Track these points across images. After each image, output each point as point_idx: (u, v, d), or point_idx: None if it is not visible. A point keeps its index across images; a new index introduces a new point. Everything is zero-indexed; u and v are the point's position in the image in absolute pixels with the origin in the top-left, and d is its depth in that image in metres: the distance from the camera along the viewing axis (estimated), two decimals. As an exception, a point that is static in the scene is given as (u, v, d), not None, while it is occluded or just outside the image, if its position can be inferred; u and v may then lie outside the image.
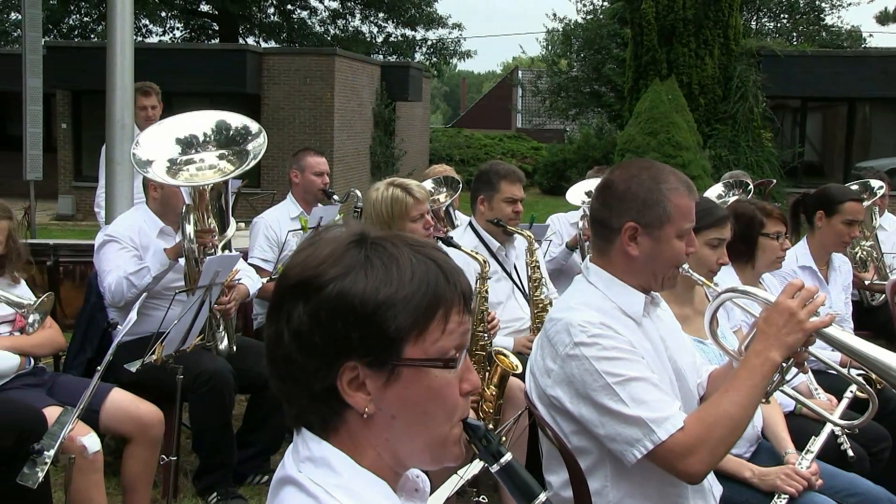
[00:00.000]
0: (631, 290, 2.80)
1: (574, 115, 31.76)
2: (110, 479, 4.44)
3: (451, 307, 1.48)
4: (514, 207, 5.09)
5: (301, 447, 1.51)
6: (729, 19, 21.34)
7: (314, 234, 1.56)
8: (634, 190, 2.74)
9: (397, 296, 1.43)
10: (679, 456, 2.55)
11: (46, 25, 25.39)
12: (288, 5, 33.61)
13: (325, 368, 1.45)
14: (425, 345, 1.46)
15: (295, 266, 1.49)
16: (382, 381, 1.46)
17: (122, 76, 6.87)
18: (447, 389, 1.50)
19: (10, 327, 4.29)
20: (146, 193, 5.19)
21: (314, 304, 1.43)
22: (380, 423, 1.49)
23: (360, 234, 1.50)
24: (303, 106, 21.63)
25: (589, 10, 30.62)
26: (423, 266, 1.47)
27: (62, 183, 22.03)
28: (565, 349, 2.70)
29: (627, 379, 2.61)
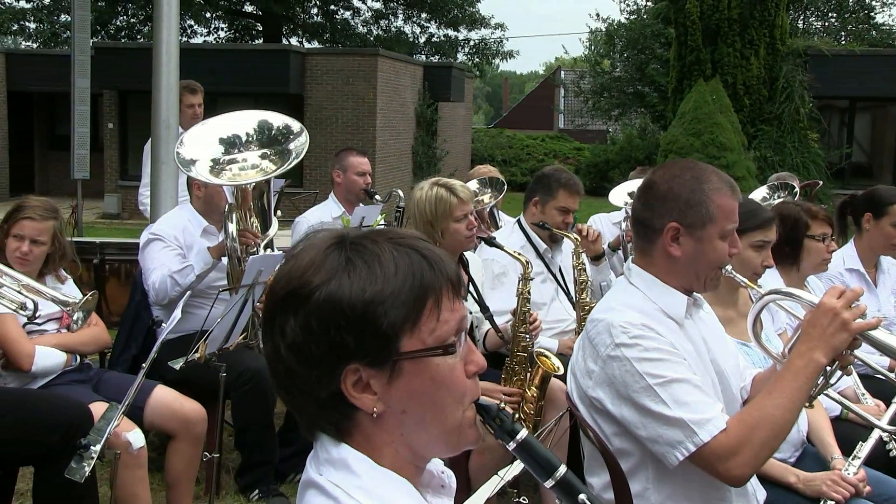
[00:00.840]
0: (673, 292, 2.77)
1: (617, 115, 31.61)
2: (154, 475, 4.48)
3: (440, 294, 1.47)
4: (566, 218, 5.08)
5: (320, 451, 1.52)
6: (775, 19, 21.09)
7: (295, 244, 1.55)
8: (677, 190, 2.72)
9: (384, 292, 1.43)
10: (721, 458, 2.53)
11: (94, 27, 25.77)
12: (331, 6, 33.76)
13: (328, 376, 1.45)
14: (422, 335, 1.46)
15: (280, 279, 1.49)
16: (386, 378, 1.46)
17: (168, 77, 6.94)
18: (452, 375, 1.49)
19: (58, 324, 4.35)
20: (190, 192, 5.24)
21: (304, 314, 1.43)
22: (391, 420, 1.48)
23: (338, 237, 1.50)
24: (345, 106, 21.72)
25: (632, 10, 30.47)
26: (405, 258, 1.46)
27: (108, 182, 22.31)
28: (606, 350, 2.68)
29: (669, 380, 2.59)
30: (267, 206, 4.88)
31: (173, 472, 4.41)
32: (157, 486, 4.60)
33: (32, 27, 31.88)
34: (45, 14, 31.37)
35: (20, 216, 4.25)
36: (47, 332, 4.30)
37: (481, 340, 4.75)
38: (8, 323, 4.09)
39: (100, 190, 21.95)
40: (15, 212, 4.28)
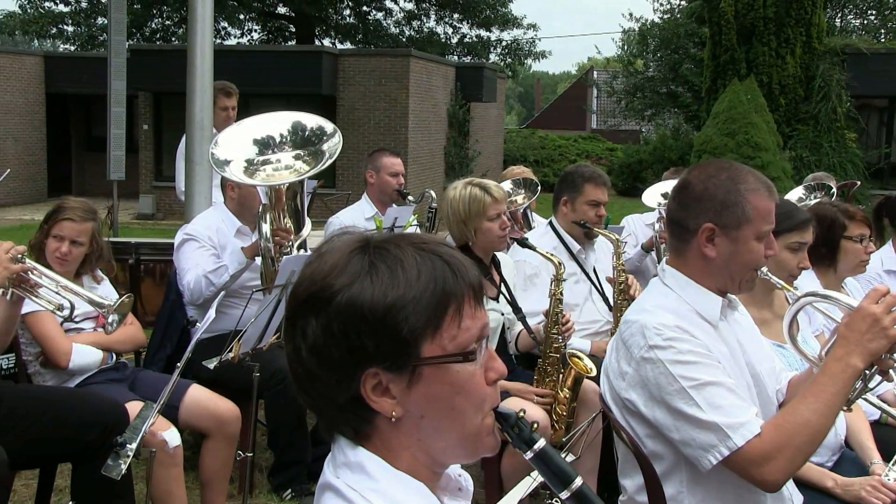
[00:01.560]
0: (707, 293, 2.75)
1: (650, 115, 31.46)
2: (188, 474, 4.51)
3: (462, 301, 1.47)
4: (597, 211, 5.07)
5: (338, 454, 1.52)
6: (812, 17, 20.86)
7: (319, 246, 1.55)
8: (712, 190, 2.69)
9: (406, 297, 1.42)
10: (755, 463, 2.50)
11: (130, 29, 26.04)
12: (363, 7, 33.85)
13: (347, 379, 1.45)
14: (443, 341, 1.45)
15: (303, 281, 1.49)
16: (405, 383, 1.45)
17: (202, 78, 7.00)
18: (472, 382, 1.49)
19: (94, 323, 4.40)
20: (224, 193, 5.27)
21: (325, 317, 1.43)
22: (409, 425, 1.48)
23: (362, 241, 1.49)
24: (378, 107, 21.78)
25: (666, 10, 30.29)
26: (428, 263, 1.46)
27: (143, 183, 22.52)
28: (640, 352, 2.67)
29: (703, 383, 2.57)
30: (300, 207, 4.89)
31: (207, 470, 4.44)
32: (191, 484, 4.63)
33: (70, 30, 32.28)
34: (83, 17, 31.73)
35: (61, 217, 4.30)
36: (84, 331, 4.35)
37: (513, 342, 4.74)
38: (46, 321, 4.14)
39: (135, 191, 22.17)
40: (55, 213, 4.33)
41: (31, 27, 31.54)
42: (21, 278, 3.62)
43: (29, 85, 24.31)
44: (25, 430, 3.65)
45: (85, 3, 31.77)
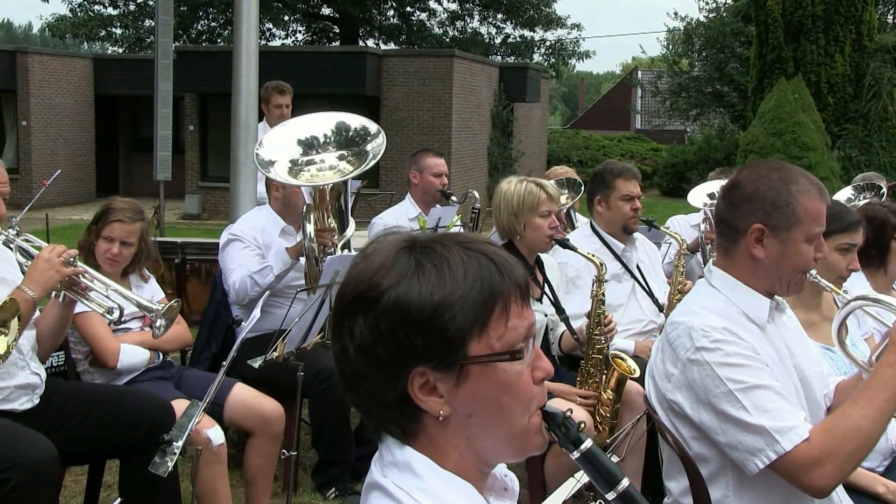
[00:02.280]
0: (755, 295, 2.72)
1: (695, 115, 31.22)
2: (233, 472, 4.55)
3: (508, 299, 1.47)
4: (633, 205, 5.02)
5: (385, 453, 1.52)
6: (862, 14, 20.53)
7: (365, 246, 1.56)
8: (763, 191, 2.66)
9: (453, 296, 1.42)
10: (804, 468, 2.47)
11: (177, 31, 26.34)
12: (407, 7, 33.93)
13: (395, 378, 1.45)
14: (490, 340, 1.45)
15: (350, 281, 1.49)
16: (453, 382, 1.46)
17: (248, 79, 7.06)
18: (519, 381, 1.49)
19: (141, 322, 4.45)
20: (269, 193, 5.31)
21: (373, 316, 1.44)
22: (457, 424, 1.48)
23: (408, 240, 1.50)
24: (421, 107, 21.80)
25: (712, 9, 30.02)
26: (474, 262, 1.46)
27: (189, 183, 22.74)
28: (686, 353, 2.64)
29: (750, 386, 2.54)
30: (344, 207, 4.91)
31: (252, 468, 4.47)
32: (236, 482, 4.67)
33: (118, 33, 32.73)
34: (131, 20, 32.16)
35: (111, 219, 4.35)
36: (131, 330, 4.40)
37: (557, 343, 4.72)
38: (95, 321, 4.20)
39: (181, 191, 22.40)
40: (104, 214, 4.38)
41: (80, 30, 32.06)
42: (73, 281, 3.67)
43: (79, 87, 24.69)
44: (75, 426, 3.71)
45: (133, 5, 32.22)
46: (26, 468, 3.19)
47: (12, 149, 23.36)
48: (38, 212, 12.46)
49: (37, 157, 23.19)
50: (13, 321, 3.14)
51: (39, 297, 3.52)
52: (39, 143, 23.45)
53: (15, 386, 3.56)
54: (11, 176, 4.40)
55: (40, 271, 3.53)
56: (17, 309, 3.15)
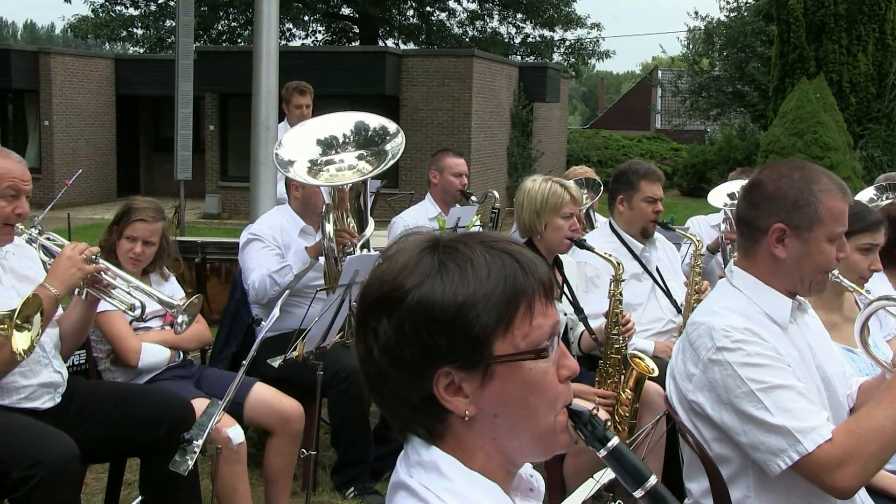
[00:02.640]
0: (777, 295, 2.70)
1: (715, 115, 31.08)
2: (253, 471, 4.56)
3: (533, 298, 1.46)
4: (655, 207, 5.01)
5: (411, 453, 1.52)
6: (885, 13, 20.32)
7: (388, 246, 1.55)
8: (784, 190, 2.65)
9: (476, 296, 1.42)
10: (827, 469, 2.45)
11: (197, 31, 26.45)
12: (427, 7, 33.96)
13: (420, 379, 1.45)
14: (514, 339, 1.45)
15: (373, 282, 1.49)
16: (478, 381, 1.45)
17: (268, 79, 7.09)
18: (545, 379, 1.48)
19: (162, 321, 4.47)
20: (288, 193, 5.32)
21: (397, 317, 1.43)
22: (483, 424, 1.48)
23: (431, 240, 1.49)
24: (441, 107, 21.81)
25: (733, 8, 29.87)
26: (498, 261, 1.45)
27: (209, 183, 22.85)
28: (707, 354, 2.63)
29: (772, 386, 2.52)
30: (363, 207, 4.92)
31: (271, 467, 4.49)
32: (255, 480, 4.68)
33: (140, 33, 32.93)
34: (152, 20, 32.35)
35: (133, 218, 4.37)
36: (152, 329, 4.43)
37: (576, 342, 4.71)
38: (116, 320, 4.22)
39: (201, 190, 22.50)
40: (126, 214, 4.39)
41: (102, 31, 32.28)
42: (95, 279, 3.69)
43: (100, 87, 24.86)
44: (96, 425, 3.73)
45: (154, 6, 32.40)
46: (49, 466, 3.22)
47: (35, 148, 23.55)
48: (59, 211, 12.55)
49: (59, 157, 23.37)
50: (36, 316, 3.16)
51: (62, 294, 3.54)
52: (61, 142, 23.63)
53: (38, 384, 3.59)
54: (34, 175, 4.44)
55: (62, 268, 3.55)
56: (40, 304, 3.17)
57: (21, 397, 3.54)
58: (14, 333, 3.06)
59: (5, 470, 3.23)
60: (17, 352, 3.08)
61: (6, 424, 3.39)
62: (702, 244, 5.38)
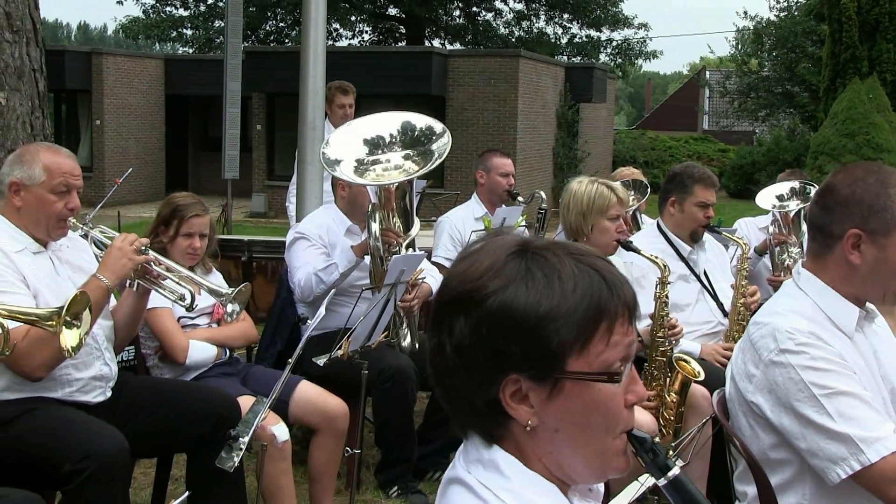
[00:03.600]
0: (844, 302, 2.63)
1: (764, 116, 30.74)
2: (297, 468, 4.58)
3: (615, 319, 1.43)
4: (706, 212, 4.96)
5: (471, 449, 1.51)
6: (943, 11, 19.96)
7: (473, 243, 1.53)
8: (859, 194, 2.58)
9: (560, 309, 1.39)
10: (891, 482, 2.39)
11: (245, 32, 26.70)
12: (473, 7, 33.94)
13: (488, 382, 1.43)
14: (589, 358, 1.42)
15: (455, 278, 1.47)
16: (545, 394, 1.43)
17: (315, 79, 7.13)
18: (611, 402, 1.46)
19: (209, 319, 4.52)
20: (335, 192, 5.35)
21: (475, 318, 1.41)
22: (543, 436, 1.46)
23: (520, 245, 1.47)
24: (487, 107, 21.79)
25: (783, 7, 29.51)
26: (585, 277, 1.42)
27: (256, 182, 23.04)
28: (769, 355, 2.58)
29: (836, 392, 2.46)
30: (409, 207, 4.93)
31: (316, 465, 4.51)
32: (300, 478, 4.70)
33: (189, 34, 33.30)
34: (201, 21, 32.70)
35: (189, 214, 4.40)
36: (200, 327, 4.47)
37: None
38: (165, 317, 4.27)
39: (248, 189, 22.69)
40: (178, 211, 4.41)
41: (153, 31, 32.70)
42: (145, 269, 3.74)
43: (150, 87, 25.17)
44: (144, 420, 3.77)
45: (203, 7, 32.74)
46: (99, 460, 3.26)
47: (86, 147, 23.91)
48: (109, 209, 12.74)
49: (109, 156, 23.71)
50: (85, 313, 3.20)
51: (113, 285, 3.59)
52: (112, 142, 23.96)
53: (90, 377, 3.64)
54: (85, 174, 4.51)
55: (113, 259, 3.60)
56: (88, 301, 3.21)
57: (74, 390, 3.59)
58: (63, 330, 3.11)
59: (57, 462, 3.29)
60: (65, 349, 3.12)
61: (58, 418, 3.45)
62: (748, 247, 5.32)
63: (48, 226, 3.60)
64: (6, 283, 3.38)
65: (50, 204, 3.56)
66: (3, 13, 4.78)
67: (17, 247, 3.53)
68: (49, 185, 3.55)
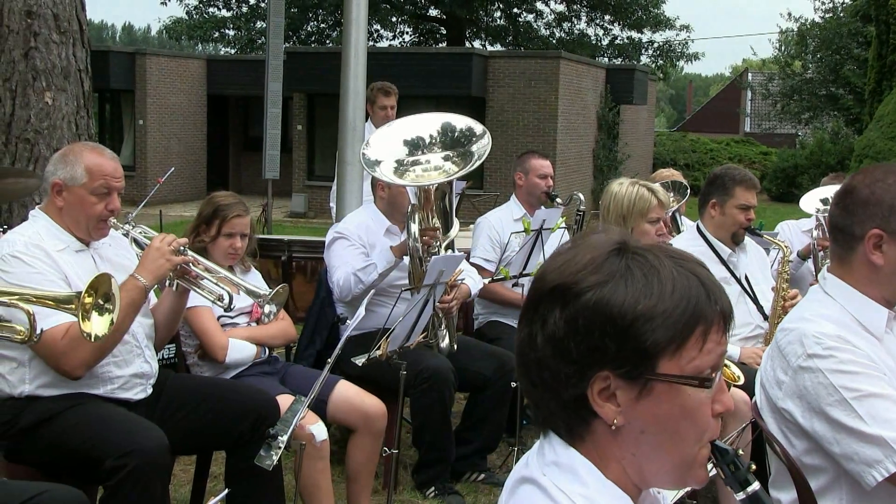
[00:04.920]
0: (872, 304, 2.61)
1: (807, 118, 30.43)
2: (335, 468, 4.60)
3: (710, 325, 1.43)
4: (747, 215, 4.91)
5: (547, 450, 1.49)
6: None
7: (573, 238, 1.53)
8: (880, 195, 2.56)
9: (657, 309, 1.39)
10: None
11: (287, 32, 26.87)
12: (514, 9, 33.89)
13: (578, 376, 1.42)
14: (681, 361, 1.41)
15: (553, 270, 1.47)
16: (634, 394, 1.42)
17: (356, 80, 7.14)
18: (700, 409, 1.44)
19: (248, 318, 4.54)
20: (374, 193, 5.36)
21: (572, 310, 1.41)
22: (627, 437, 1.45)
23: (621, 242, 1.47)
24: (527, 109, 21.75)
25: (828, 9, 29.15)
26: (684, 280, 1.42)
27: (296, 182, 23.17)
28: (798, 360, 2.56)
29: (866, 395, 2.44)
30: (449, 208, 4.92)
31: (354, 465, 4.52)
32: (337, 477, 4.72)
33: (231, 34, 33.58)
34: (243, 21, 32.96)
35: (231, 215, 4.43)
36: (239, 326, 4.50)
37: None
38: (205, 316, 4.31)
39: (288, 189, 22.83)
40: (220, 211, 4.44)
41: (196, 32, 33.03)
42: (184, 270, 3.76)
43: (192, 87, 25.42)
44: (184, 417, 3.81)
45: (245, 7, 33.00)
46: (140, 456, 3.30)
47: (129, 147, 24.20)
48: (152, 208, 12.88)
49: (152, 155, 23.97)
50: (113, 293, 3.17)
51: (150, 285, 3.62)
52: (154, 141, 24.23)
53: (130, 374, 3.68)
54: (128, 173, 4.56)
55: (151, 259, 3.63)
56: (109, 280, 3.19)
57: (115, 387, 3.63)
58: (93, 315, 3.11)
59: (99, 458, 3.33)
60: (87, 333, 3.10)
61: (100, 415, 3.49)
62: (790, 250, 5.25)
63: (88, 226, 3.64)
64: (47, 281, 3.43)
65: (90, 205, 3.59)
66: (51, 14, 4.85)
67: (60, 245, 3.58)
68: (90, 187, 3.58)
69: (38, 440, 3.47)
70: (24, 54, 4.82)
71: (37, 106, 4.85)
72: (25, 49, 4.83)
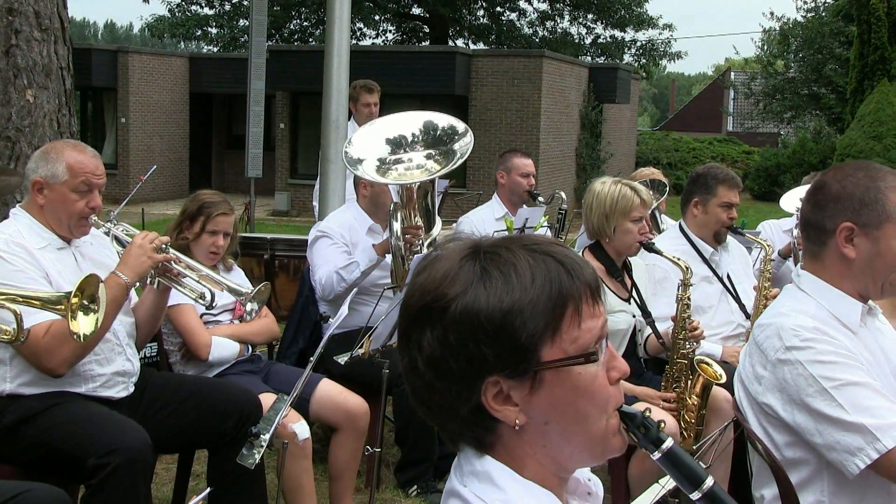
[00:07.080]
0: (847, 298, 2.64)
1: (790, 118, 30.55)
2: (317, 466, 4.60)
3: (580, 301, 1.42)
4: (730, 213, 4.95)
5: (464, 462, 1.50)
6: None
7: (427, 254, 1.51)
8: (850, 189, 2.60)
9: (522, 302, 1.38)
10: None
11: (270, 30, 26.80)
12: (497, 7, 33.92)
13: (467, 390, 1.42)
14: (563, 344, 1.41)
15: (414, 292, 1.45)
16: (527, 389, 1.42)
17: (339, 78, 7.14)
18: (595, 383, 1.45)
19: (231, 315, 4.54)
20: (357, 191, 5.36)
21: (441, 327, 1.40)
22: (534, 432, 1.45)
23: (472, 246, 1.46)
24: (510, 107, 21.78)
25: (810, 8, 29.31)
26: (542, 265, 1.41)
27: (279, 180, 23.12)
28: (776, 354, 2.59)
29: (845, 384, 2.47)
30: (431, 206, 4.93)
31: (336, 463, 4.52)
32: (320, 476, 4.72)
33: (214, 32, 33.45)
34: (226, 20, 32.85)
35: (216, 213, 4.43)
36: (222, 323, 4.49)
37: (643, 345, 4.68)
38: (187, 314, 4.30)
39: (271, 188, 22.78)
40: (205, 209, 4.44)
41: (178, 30, 32.87)
42: (165, 268, 3.76)
43: (175, 85, 25.33)
44: (167, 416, 3.80)
45: (228, 6, 32.88)
46: (123, 455, 3.29)
47: (111, 145, 24.09)
48: (134, 206, 12.82)
49: (134, 154, 23.87)
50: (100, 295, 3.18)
51: (132, 282, 3.61)
52: (137, 139, 24.13)
53: (112, 373, 3.67)
54: (110, 171, 4.54)
55: (133, 257, 3.62)
56: (98, 282, 3.20)
57: (97, 385, 3.62)
58: (79, 315, 3.11)
59: (81, 456, 3.32)
60: (76, 333, 3.11)
61: (82, 413, 3.48)
62: (772, 249, 5.29)
63: (70, 224, 3.62)
64: (29, 279, 3.42)
65: (72, 202, 3.58)
66: (33, 12, 4.82)
67: (42, 243, 3.57)
68: (71, 184, 3.57)
69: (20, 439, 3.46)
70: (5, 51, 4.79)
71: (18, 104, 4.82)
72: (6, 46, 4.80)
